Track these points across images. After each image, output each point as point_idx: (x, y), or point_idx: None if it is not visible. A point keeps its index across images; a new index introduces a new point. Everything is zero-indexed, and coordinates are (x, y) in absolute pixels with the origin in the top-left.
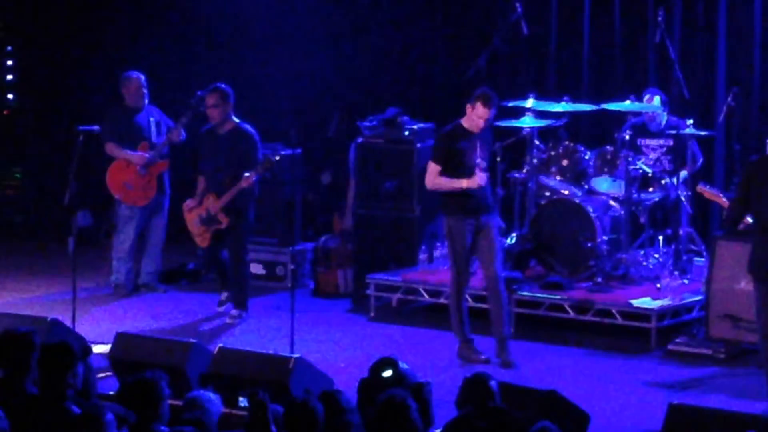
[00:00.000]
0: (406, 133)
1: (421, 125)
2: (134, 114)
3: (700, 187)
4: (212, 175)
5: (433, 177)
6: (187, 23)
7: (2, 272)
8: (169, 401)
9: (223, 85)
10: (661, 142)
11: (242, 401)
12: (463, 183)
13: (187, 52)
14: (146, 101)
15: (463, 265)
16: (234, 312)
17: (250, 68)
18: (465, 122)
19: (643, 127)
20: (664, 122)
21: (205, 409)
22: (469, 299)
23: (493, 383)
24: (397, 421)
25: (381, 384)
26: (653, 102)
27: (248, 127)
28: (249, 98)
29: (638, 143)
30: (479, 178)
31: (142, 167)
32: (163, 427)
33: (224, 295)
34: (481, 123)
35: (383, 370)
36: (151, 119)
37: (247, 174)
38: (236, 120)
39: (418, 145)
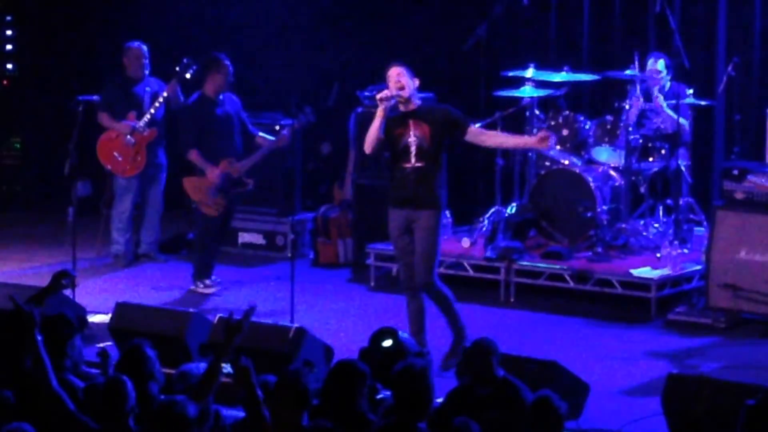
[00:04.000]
0: None
1: (421, 95)
2: (133, 84)
3: None
4: (227, 143)
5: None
6: None
7: (2, 242)
8: (165, 370)
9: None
10: (665, 105)
11: (225, 367)
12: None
13: (187, 24)
14: (146, 72)
15: (398, 259)
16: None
17: (251, 40)
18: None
19: (646, 93)
20: (668, 87)
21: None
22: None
23: (493, 352)
24: (416, 389)
25: (381, 353)
26: (658, 65)
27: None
28: (249, 69)
29: (642, 107)
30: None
31: (128, 136)
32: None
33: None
34: (391, 85)
35: (383, 340)
36: (147, 89)
37: (284, 132)
38: None
39: None
